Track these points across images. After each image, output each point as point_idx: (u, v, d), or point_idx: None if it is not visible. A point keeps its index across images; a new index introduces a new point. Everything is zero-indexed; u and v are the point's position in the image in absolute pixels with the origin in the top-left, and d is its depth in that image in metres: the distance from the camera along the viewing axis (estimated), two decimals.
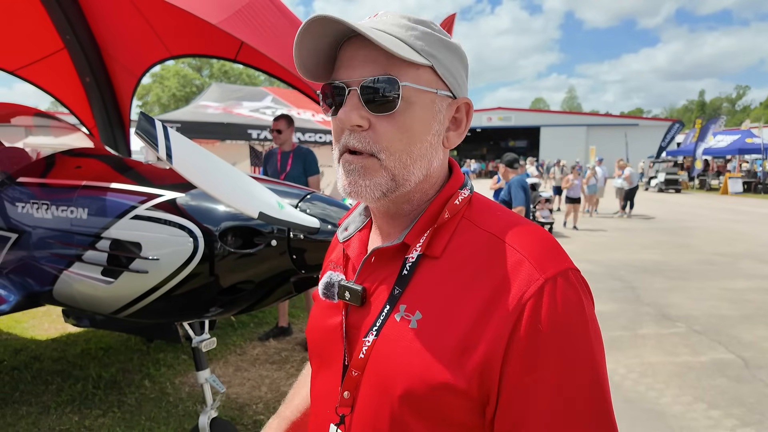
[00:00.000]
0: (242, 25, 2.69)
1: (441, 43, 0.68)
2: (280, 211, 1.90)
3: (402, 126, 0.65)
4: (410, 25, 0.67)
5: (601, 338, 0.65)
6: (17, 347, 4.04)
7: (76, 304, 2.57)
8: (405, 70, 0.65)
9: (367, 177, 0.67)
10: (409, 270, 0.68)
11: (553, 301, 0.60)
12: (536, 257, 0.63)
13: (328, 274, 0.76)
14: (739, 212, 15.12)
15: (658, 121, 40.48)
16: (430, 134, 0.68)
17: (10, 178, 2.80)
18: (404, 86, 0.64)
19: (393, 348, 0.65)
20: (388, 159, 0.66)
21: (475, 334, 0.61)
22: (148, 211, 2.24)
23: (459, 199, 0.71)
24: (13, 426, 2.87)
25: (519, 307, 0.60)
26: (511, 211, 0.73)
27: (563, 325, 0.60)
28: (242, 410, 3.09)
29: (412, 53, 0.64)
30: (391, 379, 0.64)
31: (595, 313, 0.66)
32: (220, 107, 7.73)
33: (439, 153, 0.71)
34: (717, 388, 3.59)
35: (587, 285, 0.66)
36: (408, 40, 0.65)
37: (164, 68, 40.84)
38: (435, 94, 0.67)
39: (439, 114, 0.69)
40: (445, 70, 0.68)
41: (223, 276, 2.15)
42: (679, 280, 6.76)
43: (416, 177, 0.69)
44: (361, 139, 0.66)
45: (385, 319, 0.67)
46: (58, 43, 4.00)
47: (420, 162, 0.68)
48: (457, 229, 0.69)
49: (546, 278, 0.61)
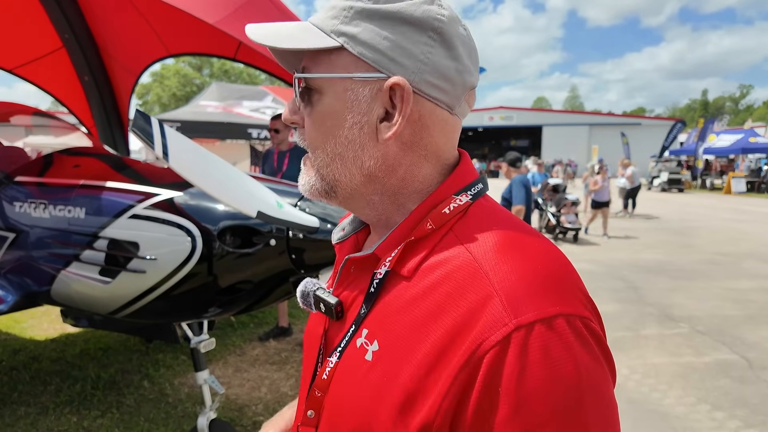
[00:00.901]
0: (240, 24, 2.67)
1: (365, 14, 0.55)
2: (279, 210, 1.88)
3: (316, 121, 0.59)
4: (333, 3, 0.58)
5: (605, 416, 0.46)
6: (16, 347, 4.03)
7: (74, 303, 2.55)
8: (318, 58, 0.58)
9: (305, 174, 0.63)
10: (375, 288, 0.57)
11: (522, 357, 0.44)
12: (513, 294, 0.47)
13: (305, 281, 0.66)
14: (743, 212, 15.06)
15: (661, 121, 40.40)
16: (344, 128, 0.57)
17: (8, 177, 2.79)
18: (310, 78, 0.58)
19: (348, 378, 0.56)
20: (313, 156, 0.61)
21: (426, 386, 0.48)
22: (146, 210, 2.22)
23: (450, 207, 0.57)
24: (12, 427, 2.85)
25: (474, 359, 0.45)
26: (517, 227, 0.57)
27: (533, 392, 0.43)
28: (242, 411, 3.07)
29: (316, 39, 0.56)
30: (344, 411, 0.56)
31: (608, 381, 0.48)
32: (220, 106, 7.73)
33: (369, 149, 0.57)
34: (721, 389, 3.56)
35: (597, 338, 0.48)
36: (322, 23, 0.57)
37: (164, 67, 40.92)
38: (349, 79, 0.56)
39: (356, 102, 0.56)
40: (363, 47, 0.55)
41: (221, 276, 2.13)
42: (683, 280, 6.72)
43: (346, 177, 0.59)
44: (299, 136, 0.63)
45: (348, 342, 0.58)
46: (56, 41, 3.97)
47: (340, 161, 0.58)
48: (439, 245, 0.55)
49: (518, 324, 0.45)
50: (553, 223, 9.80)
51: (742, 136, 24.50)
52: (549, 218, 9.94)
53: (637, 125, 38.44)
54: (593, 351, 0.47)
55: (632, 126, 37.15)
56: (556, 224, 9.74)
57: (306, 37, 0.57)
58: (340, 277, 0.64)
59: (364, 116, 0.57)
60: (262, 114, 7.63)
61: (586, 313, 0.49)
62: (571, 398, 0.44)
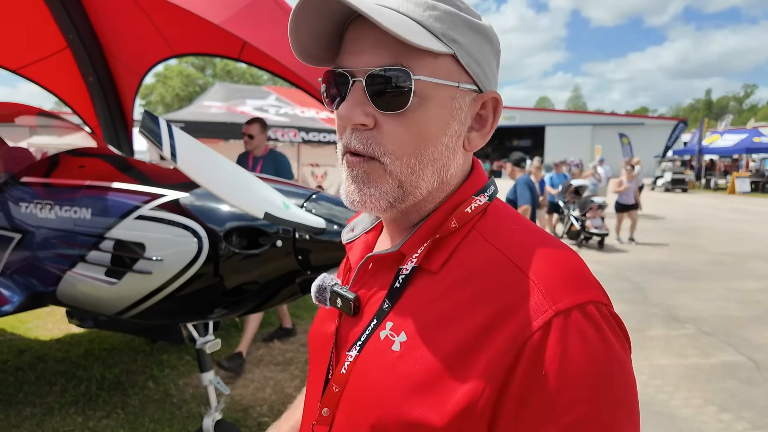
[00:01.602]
0: (244, 24, 2.67)
1: (467, 25, 0.57)
2: (286, 211, 1.87)
3: (413, 126, 0.56)
4: (429, 2, 0.56)
5: (630, 397, 0.51)
6: (21, 348, 4.03)
7: (79, 304, 2.55)
8: (420, 58, 0.54)
9: (371, 184, 0.58)
10: (401, 283, 0.59)
11: (563, 340, 0.48)
12: (549, 284, 0.51)
13: (321, 276, 0.68)
14: (747, 212, 15.00)
15: (664, 120, 40.27)
16: (447, 136, 0.58)
17: (14, 177, 2.79)
18: (418, 80, 0.54)
19: (372, 370, 0.57)
20: (393, 163, 0.57)
21: (463, 371, 0.50)
22: (152, 211, 2.21)
23: (472, 207, 0.60)
24: (17, 427, 2.85)
25: (518, 344, 0.48)
26: (533, 227, 0.61)
27: (574, 372, 0.47)
28: (246, 412, 3.06)
29: (429, 39, 0.54)
30: (365, 404, 0.56)
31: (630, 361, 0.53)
32: (224, 107, 7.73)
33: (458, 157, 0.60)
34: (727, 390, 3.54)
35: (621, 325, 0.53)
36: (425, 21, 0.55)
37: (167, 68, 40.98)
38: (456, 87, 0.57)
39: (459, 111, 0.58)
40: (469, 59, 0.57)
41: (227, 277, 2.13)
42: (687, 280, 6.69)
43: (428, 184, 0.59)
44: (364, 139, 0.57)
45: (370, 335, 0.58)
46: (61, 42, 3.98)
47: (432, 167, 0.58)
48: (463, 242, 0.58)
49: (557, 310, 0.49)
50: (576, 228, 9.11)
51: (746, 136, 24.40)
52: (572, 223, 9.25)
53: (640, 125, 38.31)
54: (617, 333, 0.52)
55: (635, 126, 37.03)
56: (581, 229, 9.01)
57: (419, 34, 0.53)
58: (358, 274, 0.65)
59: (462, 125, 0.60)
60: (265, 113, 7.65)
61: (608, 300, 0.54)
62: (605, 375, 0.48)
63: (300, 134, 7.41)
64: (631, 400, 0.51)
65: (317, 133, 7.57)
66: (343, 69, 0.57)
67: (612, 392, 0.49)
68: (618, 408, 0.49)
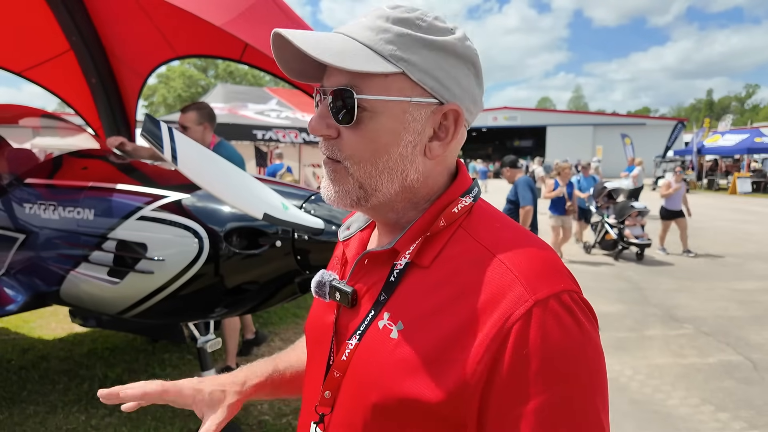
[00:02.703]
0: (246, 26, 2.70)
1: (422, 44, 0.62)
2: (285, 212, 1.90)
3: (366, 137, 0.63)
4: (385, 26, 0.62)
5: (602, 370, 0.59)
6: (25, 347, 4.07)
7: (82, 304, 2.58)
8: (369, 79, 0.61)
9: (337, 183, 0.66)
10: (396, 277, 0.65)
11: (542, 326, 0.55)
12: (528, 276, 0.58)
13: (320, 272, 0.75)
14: (749, 212, 14.98)
15: (666, 121, 40.19)
16: (400, 146, 0.64)
17: (18, 179, 2.83)
18: (361, 98, 0.61)
19: (372, 355, 0.63)
20: (353, 167, 0.64)
21: (456, 352, 0.57)
22: (154, 212, 2.25)
23: (458, 207, 0.67)
24: (21, 425, 2.89)
25: (504, 330, 0.55)
26: (513, 224, 0.69)
27: (556, 353, 0.55)
28: (247, 410, 3.09)
29: (373, 61, 0.60)
30: (366, 386, 0.63)
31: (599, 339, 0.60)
32: (226, 108, 7.78)
33: (416, 164, 0.66)
34: (725, 390, 3.56)
35: (590, 309, 0.61)
36: (375, 44, 0.61)
37: (170, 69, 41.09)
38: (408, 102, 0.62)
39: (414, 123, 0.64)
40: (422, 75, 0.62)
41: (228, 276, 2.16)
42: (687, 280, 6.71)
43: (387, 188, 0.65)
44: (330, 147, 0.66)
45: (369, 325, 0.65)
46: (64, 44, 4.02)
47: (389, 174, 0.65)
48: (452, 239, 0.65)
49: (536, 300, 0.56)
50: (612, 236, 8.08)
51: (747, 136, 24.34)
52: (608, 231, 8.20)
53: (641, 125, 38.25)
54: (588, 315, 0.59)
55: (637, 126, 36.98)
56: (619, 238, 7.99)
57: (362, 58, 0.60)
58: (354, 269, 0.71)
59: (418, 136, 0.65)
60: (266, 116, 7.69)
61: (578, 288, 0.61)
62: (580, 352, 0.56)
63: (301, 135, 7.45)
64: (602, 371, 0.59)
65: None
66: (319, 87, 0.66)
67: (587, 365, 0.57)
68: (592, 377, 0.57)
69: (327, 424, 0.69)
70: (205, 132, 3.31)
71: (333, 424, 0.68)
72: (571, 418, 0.54)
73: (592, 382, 0.56)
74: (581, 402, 0.55)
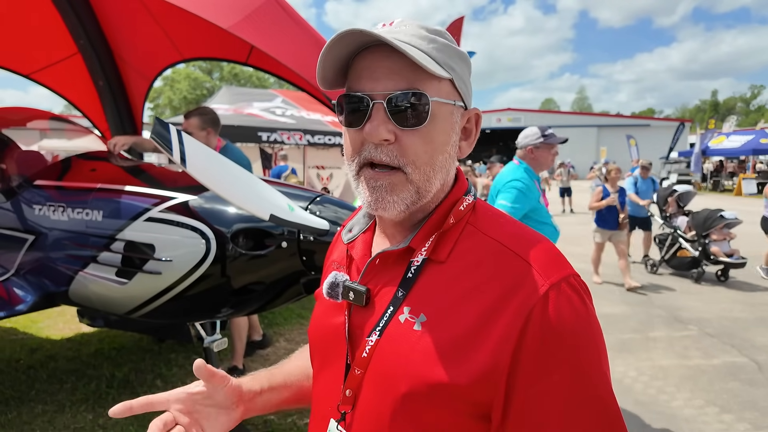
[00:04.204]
0: (252, 29, 2.72)
1: (458, 55, 0.70)
2: (291, 213, 1.92)
3: (427, 139, 0.67)
4: (430, 36, 0.68)
5: (603, 340, 0.67)
6: (33, 346, 4.11)
7: (90, 304, 2.61)
8: (429, 83, 0.66)
9: (394, 193, 0.68)
10: (413, 273, 0.69)
11: (558, 306, 0.62)
12: (540, 264, 0.65)
13: (333, 274, 0.77)
14: (754, 213, 14.86)
15: (670, 122, 40.02)
16: (449, 145, 0.71)
17: (27, 180, 2.86)
18: (433, 101, 0.66)
19: (397, 348, 0.66)
20: (414, 173, 0.67)
21: (480, 338, 0.62)
22: (162, 213, 2.28)
23: (464, 205, 0.73)
24: (29, 424, 2.92)
25: (526, 312, 0.61)
26: (511, 218, 0.75)
27: (570, 329, 0.62)
28: None
29: (436, 66, 0.66)
30: (394, 378, 0.65)
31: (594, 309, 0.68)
32: (231, 108, 7.80)
33: (455, 162, 0.74)
34: (729, 391, 3.56)
35: (588, 288, 0.68)
36: (431, 52, 0.66)
37: (175, 71, 41.28)
38: (453, 105, 0.70)
39: (456, 125, 0.71)
40: (461, 82, 0.71)
41: (234, 277, 2.18)
42: (691, 282, 6.68)
43: (436, 188, 0.71)
44: (388, 152, 0.66)
45: (389, 320, 0.68)
46: (72, 47, 4.06)
47: (440, 173, 0.70)
48: (462, 235, 0.70)
49: (551, 284, 0.63)
50: (691, 253, 6.62)
51: (752, 137, 24.21)
52: (681, 246, 6.81)
53: (645, 126, 38.12)
54: (588, 295, 0.67)
55: (641, 127, 36.84)
56: (702, 256, 6.47)
57: (432, 64, 0.65)
58: (366, 270, 0.74)
59: (457, 136, 0.73)
60: (271, 114, 7.72)
61: (577, 272, 0.68)
62: (587, 325, 0.64)
63: (306, 137, 7.47)
64: (603, 340, 0.67)
65: (323, 135, 7.63)
66: (363, 93, 0.67)
67: (594, 336, 0.65)
68: (598, 345, 0.65)
69: (349, 421, 0.70)
70: (208, 137, 3.31)
71: (356, 421, 0.69)
72: (588, 381, 0.61)
73: (598, 349, 0.65)
74: (593, 366, 0.63)
